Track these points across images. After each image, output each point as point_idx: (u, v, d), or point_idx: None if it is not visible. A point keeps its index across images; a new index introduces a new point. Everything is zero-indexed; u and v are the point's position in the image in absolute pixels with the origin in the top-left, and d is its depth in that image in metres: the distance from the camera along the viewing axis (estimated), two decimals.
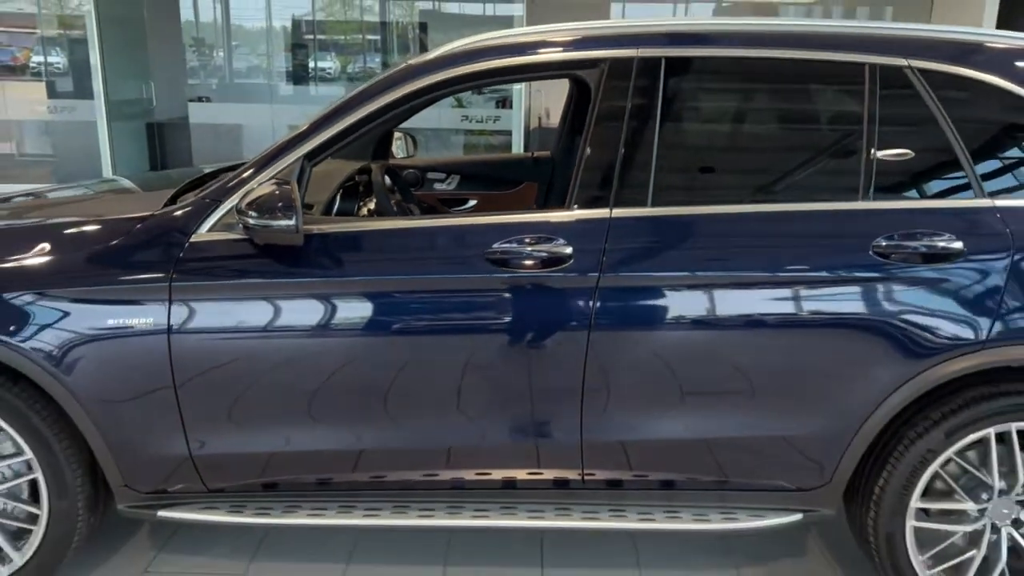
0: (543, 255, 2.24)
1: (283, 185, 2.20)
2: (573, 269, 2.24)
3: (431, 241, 2.36)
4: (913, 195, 2.35)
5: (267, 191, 2.19)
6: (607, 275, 2.23)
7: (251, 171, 2.36)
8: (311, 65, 11.83)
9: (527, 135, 9.63)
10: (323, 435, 2.37)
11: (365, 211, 2.96)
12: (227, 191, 2.35)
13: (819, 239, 2.28)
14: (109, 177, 8.69)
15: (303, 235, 2.20)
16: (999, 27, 7.99)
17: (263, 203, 2.17)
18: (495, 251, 2.25)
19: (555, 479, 2.43)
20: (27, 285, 2.28)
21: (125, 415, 2.33)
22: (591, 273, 2.23)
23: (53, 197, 3.15)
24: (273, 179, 2.27)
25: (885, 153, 2.29)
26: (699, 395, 2.32)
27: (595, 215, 2.28)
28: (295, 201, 2.16)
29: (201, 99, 11.16)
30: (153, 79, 10.47)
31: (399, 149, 3.85)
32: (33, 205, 2.97)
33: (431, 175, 3.85)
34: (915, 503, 2.33)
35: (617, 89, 2.33)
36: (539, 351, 2.28)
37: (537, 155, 3.91)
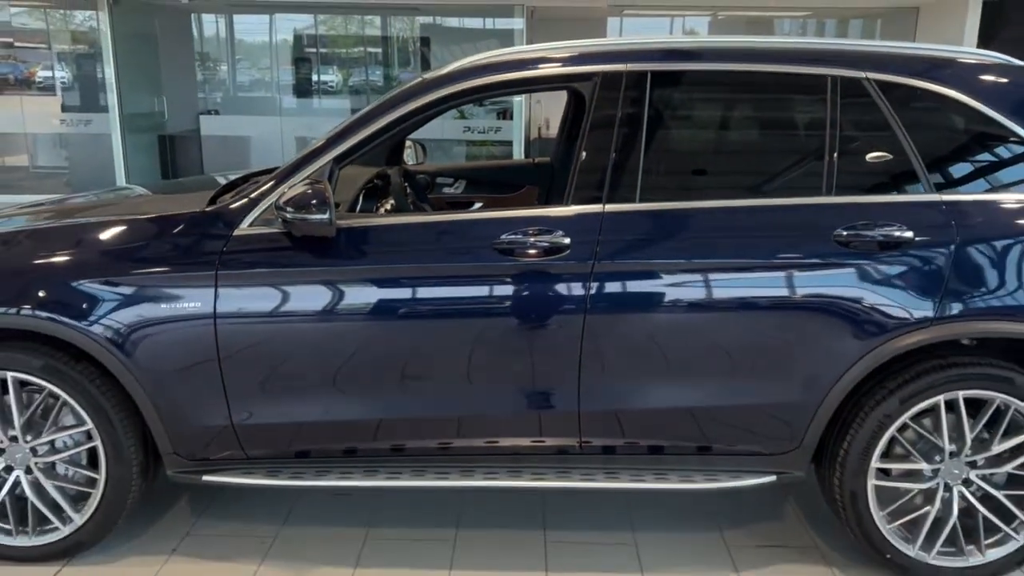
0: (545, 245, 2.55)
1: (316, 184, 2.51)
2: (571, 257, 2.54)
3: (447, 234, 2.67)
4: (870, 190, 2.66)
5: (302, 190, 2.50)
6: (601, 262, 2.54)
7: (286, 173, 2.66)
8: (315, 79, 12.16)
9: (527, 145, 9.93)
10: (349, 407, 2.67)
11: (383, 210, 3.27)
12: (265, 191, 2.66)
13: (787, 230, 2.59)
14: (123, 185, 9.00)
15: (335, 227, 2.52)
16: (980, 39, 8.34)
17: (299, 200, 2.48)
18: (502, 242, 2.55)
19: (556, 446, 2.73)
20: (90, 275, 2.59)
21: (175, 389, 2.63)
22: (587, 260, 2.54)
23: (94, 200, 3.46)
24: (307, 179, 2.58)
25: (845, 153, 2.61)
26: (683, 368, 2.62)
27: (590, 210, 2.59)
28: (328, 198, 2.48)
29: (211, 112, 11.51)
30: (165, 93, 10.79)
31: (410, 156, 4.17)
32: (81, 206, 3.28)
33: (440, 180, 4.16)
34: (875, 464, 2.63)
35: (609, 99, 2.65)
36: (541, 330, 2.59)
37: (537, 161, 4.24)
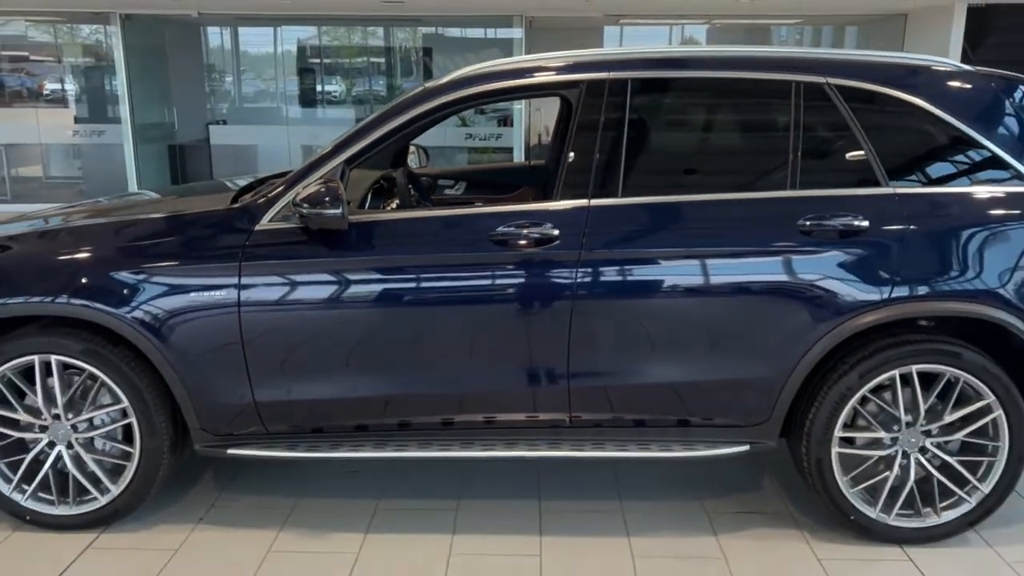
0: (536, 236, 2.82)
1: (329, 183, 2.79)
2: (560, 247, 2.82)
3: (447, 227, 2.95)
4: (830, 184, 2.92)
5: (317, 188, 2.78)
6: (587, 251, 2.81)
7: (302, 174, 2.94)
8: (319, 89, 12.46)
9: (527, 151, 10.21)
10: (360, 386, 2.94)
11: (389, 209, 3.55)
12: (282, 190, 2.93)
13: (756, 220, 2.86)
14: (134, 191, 9.31)
15: (347, 222, 2.79)
16: (966, 46, 8.62)
17: (315, 197, 2.76)
18: (497, 233, 2.83)
19: (548, 420, 2.99)
20: (126, 266, 2.87)
21: (203, 370, 2.90)
22: (574, 250, 2.81)
23: (120, 203, 3.75)
24: (320, 179, 2.86)
25: (808, 151, 2.88)
26: (662, 348, 2.89)
27: (577, 204, 2.86)
28: (341, 194, 2.75)
29: (219, 122, 11.82)
30: (175, 104, 11.10)
31: (413, 160, 4.45)
32: (110, 208, 3.57)
33: (441, 181, 4.44)
34: (838, 433, 2.90)
35: (593, 105, 2.93)
36: (533, 314, 2.86)
37: (533, 163, 4.53)
